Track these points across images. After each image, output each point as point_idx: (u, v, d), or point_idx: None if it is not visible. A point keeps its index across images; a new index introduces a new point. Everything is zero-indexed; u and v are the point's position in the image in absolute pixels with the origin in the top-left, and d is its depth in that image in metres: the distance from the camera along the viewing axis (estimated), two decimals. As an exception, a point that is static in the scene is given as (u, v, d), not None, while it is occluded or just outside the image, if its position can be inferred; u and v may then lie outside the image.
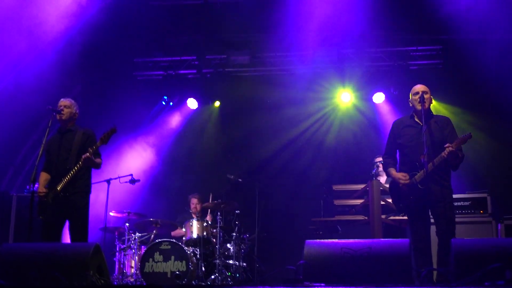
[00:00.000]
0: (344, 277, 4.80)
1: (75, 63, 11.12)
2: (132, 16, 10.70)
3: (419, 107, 6.81)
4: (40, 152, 7.07)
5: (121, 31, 11.14)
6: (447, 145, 6.57)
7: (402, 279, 4.71)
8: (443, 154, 6.57)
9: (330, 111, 12.04)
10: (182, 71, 12.14)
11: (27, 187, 9.86)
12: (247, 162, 12.03)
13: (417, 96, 6.87)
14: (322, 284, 4.29)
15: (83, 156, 7.11)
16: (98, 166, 7.45)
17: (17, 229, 9.43)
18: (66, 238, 7.75)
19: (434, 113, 7.17)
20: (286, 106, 12.04)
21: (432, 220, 6.84)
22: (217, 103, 12.58)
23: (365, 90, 11.67)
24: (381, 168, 9.43)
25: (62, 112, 7.45)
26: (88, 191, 7.46)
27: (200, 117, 12.71)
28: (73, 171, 7.13)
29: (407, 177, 6.84)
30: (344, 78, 11.45)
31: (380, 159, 9.44)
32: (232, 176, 10.54)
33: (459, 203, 8.50)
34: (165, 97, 12.36)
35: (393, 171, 7.09)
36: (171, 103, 12.46)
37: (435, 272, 6.47)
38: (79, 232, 7.20)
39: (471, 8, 9.55)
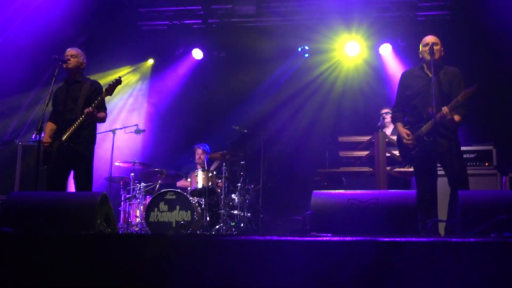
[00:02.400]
0: (351, 227, 4.81)
1: (79, 13, 11.03)
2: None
3: (428, 58, 6.73)
4: (46, 101, 7.04)
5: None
6: (443, 108, 6.52)
7: (408, 230, 4.72)
8: (438, 114, 6.53)
9: (337, 62, 11.95)
10: (187, 21, 11.96)
11: (33, 136, 9.88)
12: (252, 113, 11.99)
13: (427, 47, 6.77)
14: (328, 234, 4.30)
15: (85, 110, 7.08)
16: (102, 120, 7.44)
17: (22, 178, 9.48)
18: (71, 188, 7.78)
19: (443, 64, 7.06)
20: (293, 57, 11.95)
21: (442, 172, 6.83)
22: (222, 54, 12.49)
23: (372, 41, 11.56)
24: (387, 120, 9.43)
25: (68, 61, 7.40)
26: (92, 141, 7.46)
27: (205, 67, 12.63)
28: (78, 122, 7.11)
29: (411, 137, 6.83)
30: (351, 29, 11.31)
31: (387, 110, 9.44)
32: (237, 127, 10.54)
33: (465, 156, 8.47)
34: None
35: (399, 126, 7.05)
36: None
37: (442, 224, 6.50)
38: (83, 181, 7.23)
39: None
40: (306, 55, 11.99)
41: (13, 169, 9.50)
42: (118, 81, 7.19)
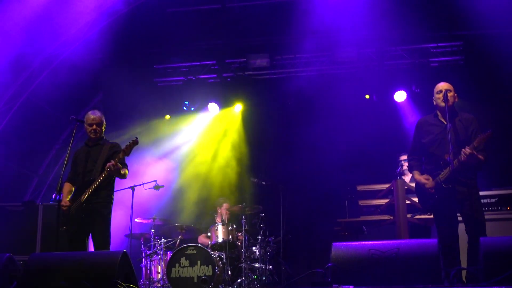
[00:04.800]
0: (373, 278, 4.77)
1: (95, 71, 11.21)
2: (151, 23, 10.75)
3: (442, 105, 6.75)
4: (65, 162, 7.10)
5: (141, 38, 11.20)
6: (466, 148, 6.50)
7: (431, 280, 4.68)
8: (461, 157, 6.50)
9: (352, 111, 11.94)
10: (202, 76, 12.15)
11: (53, 196, 9.93)
12: (270, 164, 11.96)
13: (440, 95, 6.79)
14: (350, 286, 4.27)
15: (107, 164, 7.12)
16: (124, 176, 7.45)
17: (44, 238, 9.47)
18: (91, 248, 7.78)
19: (458, 110, 7.06)
20: (307, 108, 12.00)
21: (460, 219, 6.78)
22: (238, 107, 12.59)
23: (387, 89, 11.61)
24: (405, 167, 9.36)
25: (96, 132, 7.49)
26: (110, 201, 7.46)
27: (221, 121, 12.72)
28: (97, 182, 7.15)
29: (430, 179, 6.79)
30: (365, 77, 11.38)
31: (405, 157, 9.40)
32: (256, 179, 10.54)
33: (485, 200, 8.39)
34: (186, 103, 12.37)
35: (416, 174, 7.03)
36: (192, 108, 12.48)
37: (464, 271, 6.41)
38: (102, 240, 7.22)
39: (491, 2, 9.45)
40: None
41: (34, 229, 9.51)
42: (135, 142, 7.20)
